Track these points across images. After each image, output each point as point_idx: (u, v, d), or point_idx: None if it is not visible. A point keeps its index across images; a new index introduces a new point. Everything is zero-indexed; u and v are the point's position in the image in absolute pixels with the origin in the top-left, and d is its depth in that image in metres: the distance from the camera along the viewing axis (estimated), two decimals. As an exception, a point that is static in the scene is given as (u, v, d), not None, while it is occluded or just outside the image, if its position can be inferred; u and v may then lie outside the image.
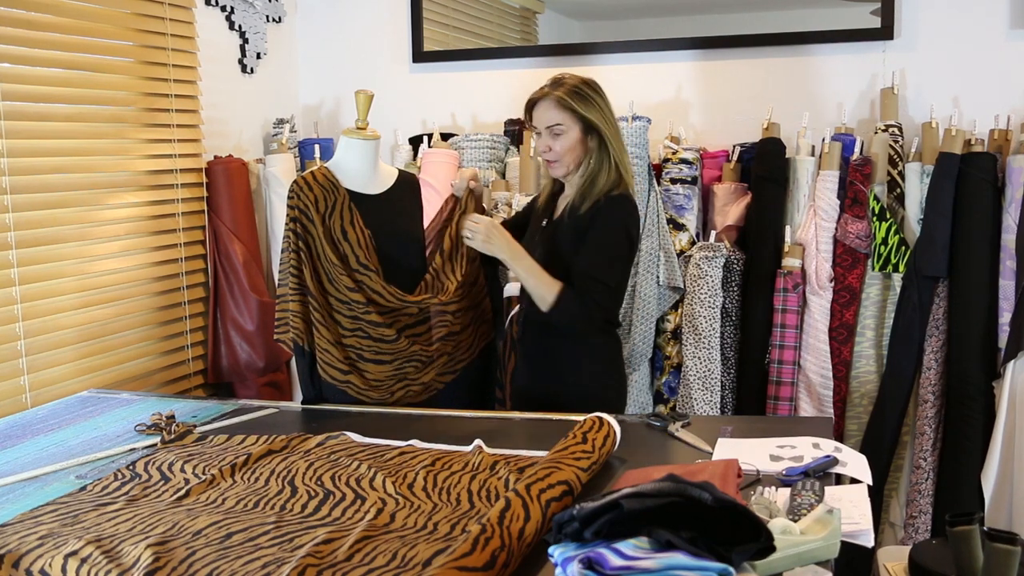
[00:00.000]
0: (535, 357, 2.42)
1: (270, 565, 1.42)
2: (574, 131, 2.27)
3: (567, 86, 2.27)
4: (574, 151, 2.28)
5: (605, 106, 2.29)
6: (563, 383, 2.35)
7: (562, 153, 2.29)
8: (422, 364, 2.37)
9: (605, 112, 2.29)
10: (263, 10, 3.38)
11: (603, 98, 2.30)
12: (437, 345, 2.39)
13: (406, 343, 2.31)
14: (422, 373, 2.37)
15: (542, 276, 2.24)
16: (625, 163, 2.31)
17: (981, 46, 2.91)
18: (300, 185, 2.28)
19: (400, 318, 2.33)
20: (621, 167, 2.29)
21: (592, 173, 2.28)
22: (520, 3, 3.49)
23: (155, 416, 2.19)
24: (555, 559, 1.30)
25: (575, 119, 2.26)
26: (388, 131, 3.33)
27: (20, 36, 2.48)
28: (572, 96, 2.26)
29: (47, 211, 2.56)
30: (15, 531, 1.58)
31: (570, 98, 2.25)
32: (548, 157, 2.31)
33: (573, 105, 2.25)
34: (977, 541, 1.72)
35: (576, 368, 2.34)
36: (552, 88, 2.29)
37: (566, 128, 2.27)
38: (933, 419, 2.78)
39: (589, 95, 2.27)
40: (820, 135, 2.96)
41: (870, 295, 2.87)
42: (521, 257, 2.27)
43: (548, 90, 2.29)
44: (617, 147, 2.29)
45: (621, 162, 2.29)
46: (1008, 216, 2.71)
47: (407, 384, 2.35)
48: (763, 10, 3.15)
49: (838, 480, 1.75)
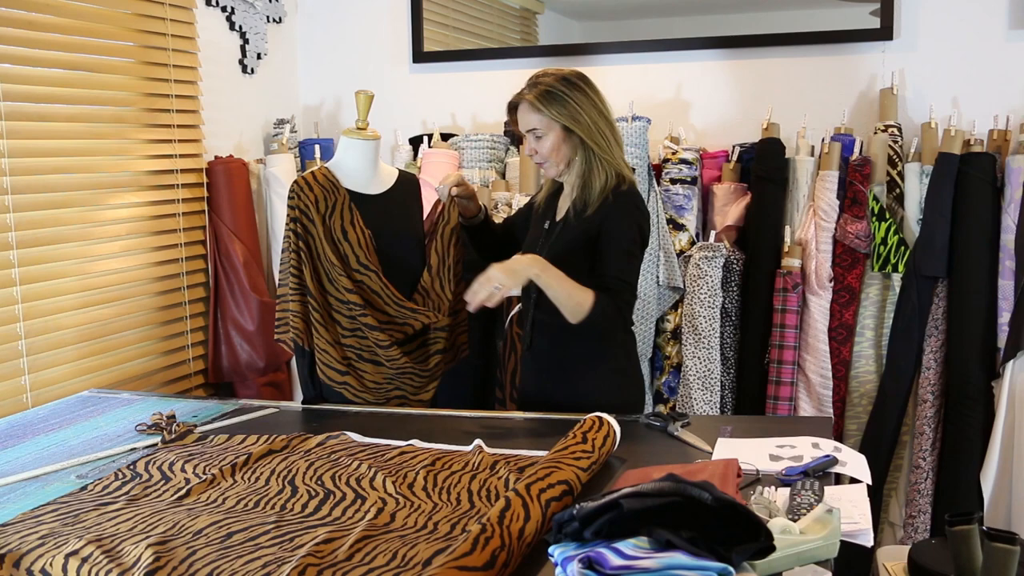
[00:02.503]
0: (547, 361, 2.33)
1: (270, 565, 1.43)
2: (553, 132, 2.21)
3: (540, 88, 2.21)
4: (558, 151, 2.23)
5: (584, 101, 2.20)
6: (578, 387, 2.28)
7: (547, 155, 2.24)
8: (419, 378, 2.36)
9: (583, 109, 2.19)
10: (263, 10, 3.38)
11: (582, 92, 2.20)
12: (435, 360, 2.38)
13: (397, 352, 2.30)
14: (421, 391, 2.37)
15: (571, 285, 2.11)
16: (617, 156, 2.23)
17: (980, 46, 2.91)
18: (300, 185, 2.29)
19: (395, 334, 2.31)
20: (613, 163, 2.22)
21: (583, 173, 2.23)
22: (520, 3, 3.49)
23: (155, 416, 2.19)
24: (555, 559, 1.30)
25: (551, 120, 2.20)
26: (388, 131, 3.33)
27: (20, 36, 2.48)
28: (543, 99, 2.19)
29: (48, 211, 2.56)
30: (16, 531, 1.59)
31: (541, 101, 2.19)
32: (536, 159, 2.27)
33: (543, 108, 2.19)
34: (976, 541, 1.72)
35: (593, 370, 2.28)
36: (527, 90, 2.23)
37: (544, 130, 2.21)
38: (932, 419, 2.79)
39: (561, 94, 2.19)
40: (820, 135, 2.96)
41: (869, 295, 2.87)
42: (547, 269, 2.11)
43: (524, 92, 2.24)
44: (601, 144, 2.20)
45: (612, 157, 2.22)
46: (1007, 216, 2.71)
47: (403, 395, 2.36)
48: (763, 10, 3.15)
49: (837, 480, 1.75)
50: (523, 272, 2.10)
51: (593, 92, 2.23)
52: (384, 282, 2.29)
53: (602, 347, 2.28)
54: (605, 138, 2.22)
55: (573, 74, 2.25)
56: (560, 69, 2.27)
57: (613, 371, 2.30)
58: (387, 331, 2.29)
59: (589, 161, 2.22)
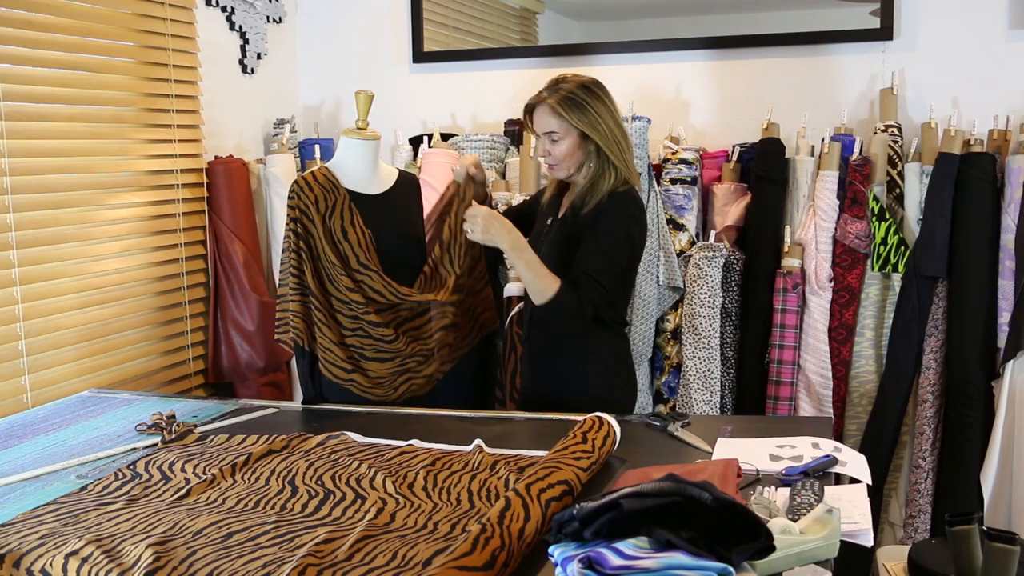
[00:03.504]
0: (541, 357, 2.40)
1: (270, 565, 1.43)
2: (570, 137, 2.25)
3: (561, 93, 2.23)
4: (572, 156, 2.26)
5: (603, 110, 2.24)
6: (569, 383, 2.33)
7: (560, 159, 2.27)
8: (424, 359, 2.37)
9: (602, 117, 2.24)
10: (263, 10, 3.39)
11: (601, 101, 2.25)
12: (438, 336, 2.39)
13: (404, 342, 2.31)
14: (424, 366, 2.37)
15: (540, 269, 2.21)
16: (628, 162, 2.28)
17: (981, 46, 2.91)
18: (300, 185, 2.29)
19: (399, 312, 2.33)
20: (624, 169, 2.27)
21: (594, 177, 2.27)
22: (520, 3, 3.49)
23: (155, 416, 2.19)
24: (555, 559, 1.30)
25: (570, 126, 2.23)
26: (388, 131, 3.33)
27: (20, 36, 2.48)
28: (565, 104, 2.22)
29: (48, 211, 2.56)
30: (16, 531, 1.59)
31: (562, 106, 2.22)
32: (548, 161, 2.30)
33: (564, 114, 2.22)
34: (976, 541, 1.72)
35: (583, 368, 2.33)
36: (548, 94, 2.25)
37: (562, 135, 2.24)
38: (932, 419, 2.78)
39: (583, 102, 2.23)
40: (820, 135, 2.96)
41: (869, 295, 2.87)
42: (522, 248, 2.22)
43: (544, 95, 2.26)
44: (615, 152, 2.25)
45: (624, 164, 2.27)
46: (1007, 216, 2.71)
47: (410, 378, 2.36)
48: (763, 10, 3.15)
49: (837, 480, 1.75)
50: (496, 237, 2.21)
51: (610, 100, 2.28)
52: (385, 280, 2.29)
53: (590, 345, 2.32)
54: (619, 146, 2.26)
55: (592, 82, 2.28)
56: (579, 75, 2.30)
57: (601, 371, 2.34)
58: (390, 324, 2.30)
59: (602, 167, 2.26)
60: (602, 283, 2.21)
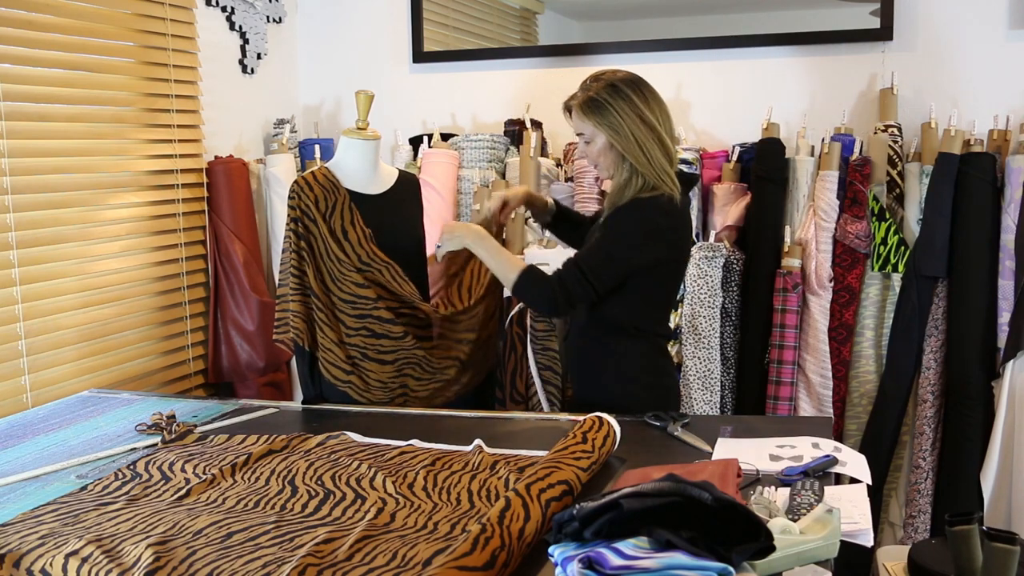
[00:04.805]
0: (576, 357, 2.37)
1: (270, 565, 1.43)
2: (599, 139, 2.19)
3: (587, 94, 2.18)
4: (605, 156, 2.21)
5: (627, 112, 2.14)
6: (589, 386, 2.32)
7: (594, 159, 2.23)
8: (423, 371, 2.36)
9: (624, 120, 2.14)
10: (263, 10, 3.39)
11: (628, 102, 2.15)
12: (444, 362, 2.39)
13: (412, 342, 2.31)
14: (421, 385, 2.37)
15: (502, 255, 2.25)
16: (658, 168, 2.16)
17: (980, 46, 2.91)
18: (301, 185, 2.29)
19: (411, 320, 2.33)
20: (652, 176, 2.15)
21: (620, 182, 2.20)
22: (520, 3, 3.49)
23: (155, 416, 2.19)
24: (555, 559, 1.30)
25: (595, 129, 2.19)
26: (388, 131, 3.33)
27: (20, 36, 2.48)
28: (586, 107, 2.17)
29: (48, 211, 2.56)
30: (16, 531, 1.59)
31: (583, 108, 2.18)
32: (586, 161, 2.29)
33: (585, 117, 2.19)
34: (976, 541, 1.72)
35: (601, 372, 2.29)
36: (580, 93, 2.21)
37: (591, 136, 2.21)
38: (932, 419, 2.79)
39: (605, 103, 2.15)
40: (820, 135, 2.96)
41: (869, 295, 2.87)
42: (483, 237, 2.27)
43: (576, 95, 2.22)
44: (637, 156, 2.15)
45: (651, 169, 2.15)
46: (1007, 216, 2.71)
47: (405, 393, 2.36)
48: (763, 10, 3.15)
49: (837, 480, 1.75)
50: (458, 233, 2.32)
51: (641, 100, 2.16)
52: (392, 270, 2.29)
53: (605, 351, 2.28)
54: (646, 151, 2.15)
55: (624, 79, 2.19)
56: (616, 72, 2.22)
57: (616, 377, 2.27)
58: (400, 322, 2.29)
59: (629, 171, 2.19)
60: (590, 281, 2.15)
